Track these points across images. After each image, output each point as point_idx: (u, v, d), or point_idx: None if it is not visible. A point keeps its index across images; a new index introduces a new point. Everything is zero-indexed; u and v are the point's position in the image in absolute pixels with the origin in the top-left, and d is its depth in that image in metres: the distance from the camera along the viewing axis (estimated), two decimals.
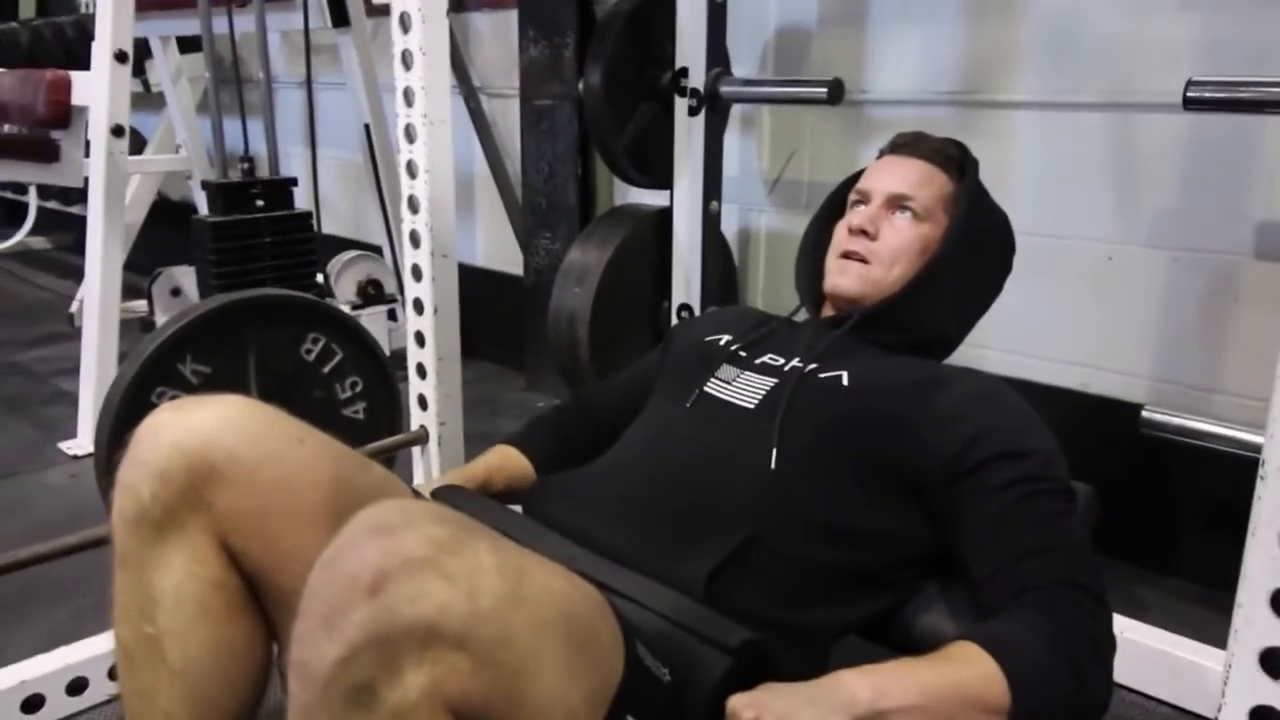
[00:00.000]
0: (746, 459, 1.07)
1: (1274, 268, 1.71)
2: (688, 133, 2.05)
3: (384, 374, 1.84)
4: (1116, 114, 1.85)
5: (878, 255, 1.19)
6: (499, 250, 3.12)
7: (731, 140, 2.32)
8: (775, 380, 1.14)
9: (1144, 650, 1.51)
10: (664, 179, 2.13)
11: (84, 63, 2.35)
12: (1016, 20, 1.95)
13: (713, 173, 2.09)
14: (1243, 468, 1.11)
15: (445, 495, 1.10)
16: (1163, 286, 1.84)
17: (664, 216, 2.17)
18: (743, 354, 1.21)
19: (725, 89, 2.04)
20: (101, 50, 2.29)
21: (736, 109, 2.34)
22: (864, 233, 1.19)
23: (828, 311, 1.26)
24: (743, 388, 1.16)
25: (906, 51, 2.10)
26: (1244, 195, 1.72)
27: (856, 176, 1.28)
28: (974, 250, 1.22)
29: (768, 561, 0.99)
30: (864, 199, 1.23)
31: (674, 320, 2.16)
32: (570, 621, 0.76)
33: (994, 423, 1.03)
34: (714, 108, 2.04)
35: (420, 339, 1.74)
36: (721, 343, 1.24)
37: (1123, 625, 1.56)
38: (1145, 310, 1.87)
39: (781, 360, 1.18)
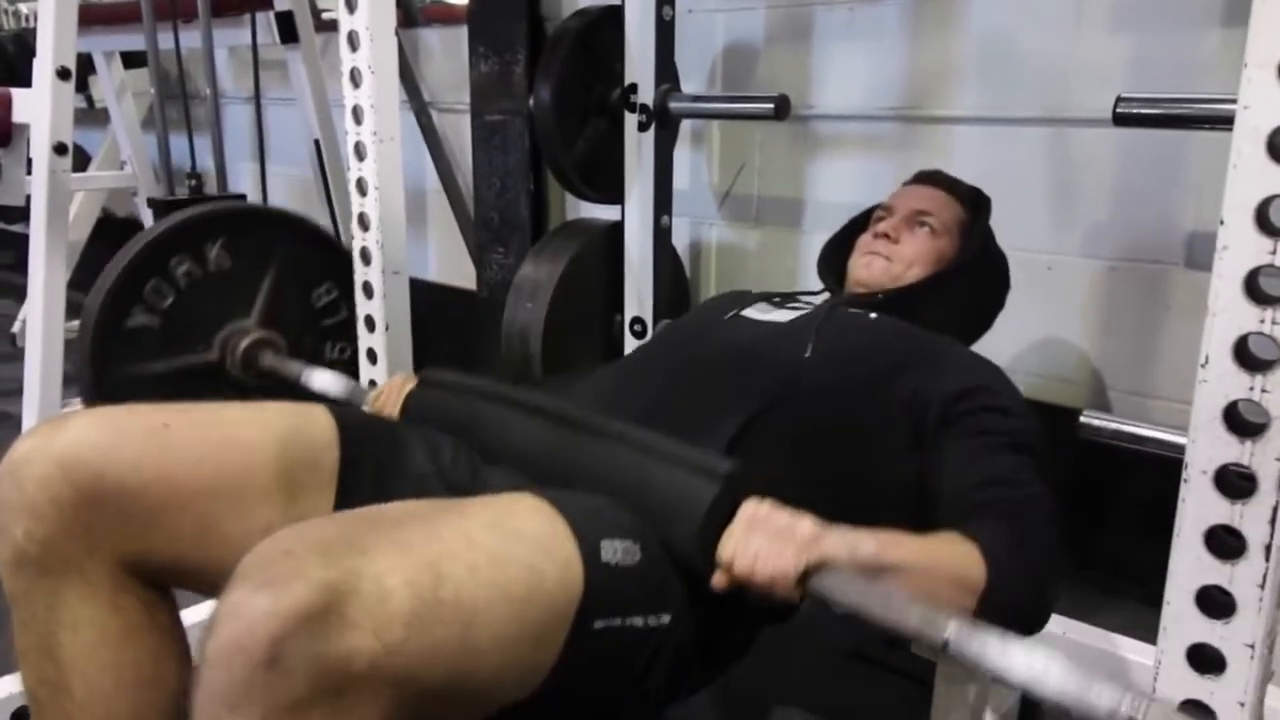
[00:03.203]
0: (782, 351, 1.19)
1: (1203, 276, 1.77)
2: (637, 148, 2.07)
3: None
4: (1052, 129, 1.91)
5: (899, 255, 1.35)
6: (452, 265, 3.12)
7: (682, 155, 2.35)
8: (808, 310, 1.29)
9: (1083, 649, 1.55)
10: (615, 194, 2.15)
11: (25, 79, 2.32)
12: (955, 38, 2.00)
13: (663, 187, 2.11)
14: (1176, 470, 1.16)
15: (432, 377, 1.19)
16: (1100, 295, 1.90)
17: (615, 231, 2.19)
18: (775, 299, 1.36)
19: (674, 105, 2.06)
20: (43, 67, 2.25)
21: (686, 124, 2.37)
22: (887, 237, 1.36)
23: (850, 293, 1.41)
24: (778, 314, 1.29)
25: (851, 68, 2.15)
26: (1174, 207, 1.78)
27: (876, 206, 1.46)
28: (981, 275, 1.41)
29: (784, 433, 1.06)
30: (888, 213, 1.41)
31: (626, 334, 2.17)
32: (505, 584, 0.76)
33: (994, 385, 1.16)
34: (663, 123, 2.07)
35: (372, 356, 1.73)
36: (749, 295, 1.39)
37: (1062, 625, 1.60)
38: (1083, 318, 1.93)
39: (812, 302, 1.34)
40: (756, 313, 1.30)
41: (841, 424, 1.11)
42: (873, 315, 1.28)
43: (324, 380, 1.59)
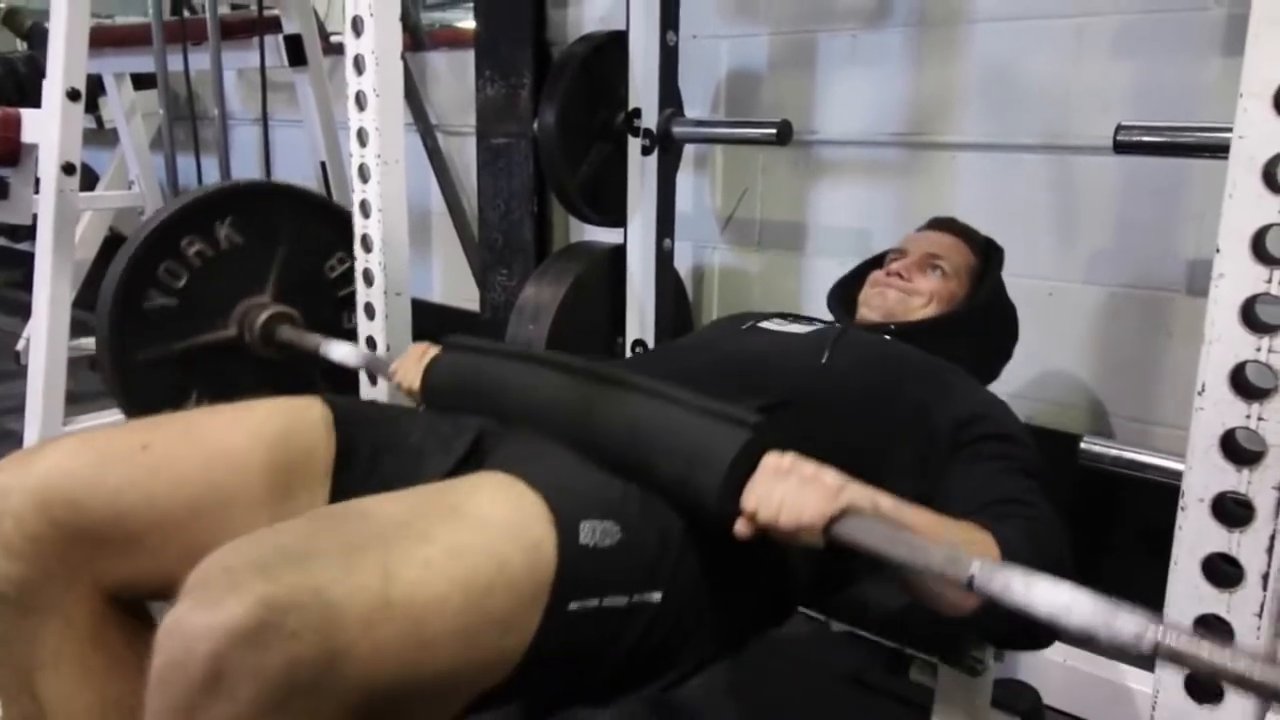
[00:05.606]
0: (799, 356, 1.22)
1: (1205, 303, 1.77)
2: (641, 172, 2.08)
3: None
4: (1054, 156, 1.91)
5: (913, 290, 1.39)
6: (456, 286, 3.13)
7: (685, 179, 2.36)
8: (824, 327, 1.32)
9: (1084, 676, 1.54)
10: (618, 217, 2.16)
11: (35, 99, 2.34)
12: (958, 65, 2.01)
13: (666, 211, 2.12)
14: (1176, 497, 1.16)
15: (453, 342, 1.21)
16: (1101, 321, 1.90)
17: (618, 254, 2.20)
18: (789, 316, 1.39)
19: (677, 129, 2.08)
20: (53, 88, 2.27)
21: (690, 149, 2.39)
22: (900, 276, 1.40)
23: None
24: (795, 327, 1.32)
25: (854, 94, 2.16)
26: (1175, 234, 1.79)
27: (888, 250, 1.51)
28: (991, 322, 1.43)
29: (799, 426, 1.03)
30: (901, 255, 1.44)
31: (628, 357, 2.18)
32: (463, 576, 0.75)
33: (999, 414, 1.19)
34: (666, 148, 2.08)
35: (372, 376, 1.74)
36: (764, 314, 1.41)
37: (1064, 652, 1.60)
38: (1085, 344, 1.93)
39: (827, 322, 1.39)
40: (773, 325, 1.33)
41: (851, 431, 1.11)
42: (886, 336, 1.31)
43: (342, 351, 1.63)
